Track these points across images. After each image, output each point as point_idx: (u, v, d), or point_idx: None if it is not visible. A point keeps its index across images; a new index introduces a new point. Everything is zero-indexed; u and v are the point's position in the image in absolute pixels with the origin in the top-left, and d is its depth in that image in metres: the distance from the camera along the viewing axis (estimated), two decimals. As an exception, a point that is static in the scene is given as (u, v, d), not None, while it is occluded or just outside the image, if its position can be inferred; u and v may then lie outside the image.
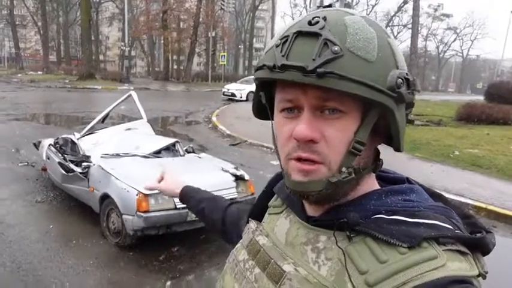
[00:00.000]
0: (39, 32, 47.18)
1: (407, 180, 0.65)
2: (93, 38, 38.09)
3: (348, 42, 0.51)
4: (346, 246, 0.54)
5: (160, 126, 11.37)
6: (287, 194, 0.66)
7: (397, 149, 0.58)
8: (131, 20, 40.43)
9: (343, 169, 0.54)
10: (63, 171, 4.62)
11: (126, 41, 31.19)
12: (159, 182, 1.16)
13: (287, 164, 0.57)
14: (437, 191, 0.65)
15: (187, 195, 1.10)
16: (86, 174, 4.35)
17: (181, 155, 5.04)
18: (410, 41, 28.88)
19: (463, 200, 5.46)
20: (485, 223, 4.19)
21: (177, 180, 1.15)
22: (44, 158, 5.49)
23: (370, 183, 0.60)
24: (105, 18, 54.29)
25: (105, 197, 4.02)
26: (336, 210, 0.58)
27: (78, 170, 4.45)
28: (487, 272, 0.53)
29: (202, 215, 1.06)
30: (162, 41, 40.03)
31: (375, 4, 47.74)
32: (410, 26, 34.36)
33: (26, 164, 6.53)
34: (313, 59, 0.50)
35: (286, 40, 0.53)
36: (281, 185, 0.70)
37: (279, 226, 0.67)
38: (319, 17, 0.52)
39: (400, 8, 46.68)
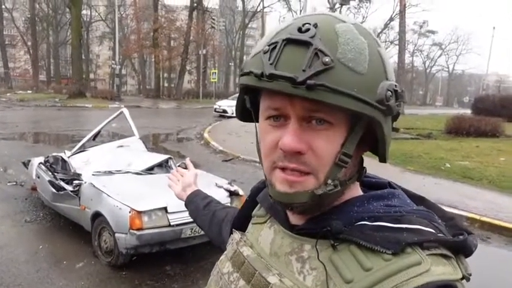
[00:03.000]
0: (28, 51, 47.09)
1: (389, 185, 0.64)
2: (83, 57, 38.11)
3: (338, 53, 0.49)
4: (330, 254, 0.54)
5: (152, 143, 11.30)
6: (270, 203, 0.64)
7: (383, 160, 0.58)
8: (122, 39, 40.72)
9: (329, 181, 0.53)
10: (54, 190, 4.53)
11: (117, 59, 31.35)
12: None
13: (271, 173, 0.56)
14: (418, 193, 0.64)
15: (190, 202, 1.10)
16: (77, 192, 4.27)
17: (174, 172, 4.99)
18: (397, 56, 29.55)
19: (456, 211, 5.48)
20: (479, 234, 4.17)
21: (190, 185, 1.15)
22: (34, 176, 5.39)
23: (354, 190, 0.60)
24: (96, 37, 54.50)
25: (96, 215, 3.94)
26: (319, 218, 0.57)
27: (69, 188, 4.37)
28: (470, 274, 0.52)
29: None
30: (153, 59, 40.19)
31: (362, 21, 48.78)
32: (397, 42, 35.22)
33: (15, 183, 6.39)
34: (303, 70, 0.48)
35: (275, 47, 0.51)
36: (264, 194, 0.69)
37: (263, 236, 0.66)
38: (310, 24, 0.51)
39: (386, 25, 47.85)
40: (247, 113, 0.64)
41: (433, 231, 0.53)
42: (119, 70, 31.99)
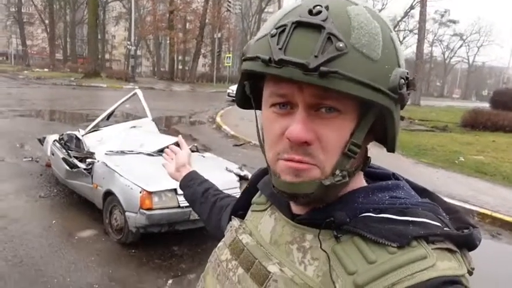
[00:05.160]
0: (46, 30, 47.49)
1: (394, 176, 0.62)
2: (99, 37, 38.25)
3: (352, 38, 0.47)
4: (333, 245, 0.53)
5: (165, 125, 11.39)
6: (272, 190, 0.63)
7: (391, 150, 0.56)
8: (138, 20, 40.61)
9: (337, 172, 0.51)
10: (67, 167, 4.62)
11: (133, 40, 31.33)
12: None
13: (275, 163, 0.54)
14: (422, 185, 0.63)
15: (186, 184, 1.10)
16: (89, 170, 4.34)
17: (185, 154, 5.02)
18: (416, 46, 28.89)
19: (468, 206, 5.41)
20: (490, 230, 4.11)
21: (184, 165, 1.13)
22: (49, 153, 5.50)
23: (358, 181, 0.58)
24: (112, 17, 54.54)
25: (108, 194, 4.02)
26: (322, 209, 0.56)
27: (82, 166, 4.45)
28: (473, 269, 0.52)
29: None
30: (168, 41, 40.18)
31: (382, 9, 47.62)
32: (416, 31, 34.31)
33: (30, 159, 6.54)
34: (315, 56, 0.45)
35: (284, 30, 0.48)
36: (265, 181, 0.67)
37: (263, 224, 0.64)
38: (321, 6, 0.48)
39: (406, 14, 46.58)
40: (247, 99, 0.61)
41: (439, 224, 0.51)
42: (134, 51, 31.94)
